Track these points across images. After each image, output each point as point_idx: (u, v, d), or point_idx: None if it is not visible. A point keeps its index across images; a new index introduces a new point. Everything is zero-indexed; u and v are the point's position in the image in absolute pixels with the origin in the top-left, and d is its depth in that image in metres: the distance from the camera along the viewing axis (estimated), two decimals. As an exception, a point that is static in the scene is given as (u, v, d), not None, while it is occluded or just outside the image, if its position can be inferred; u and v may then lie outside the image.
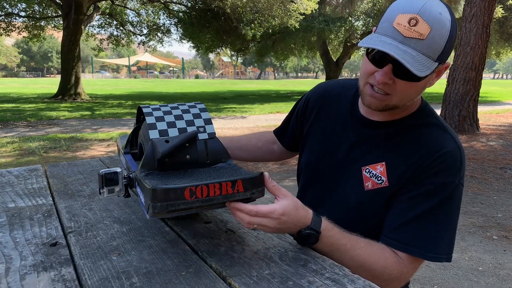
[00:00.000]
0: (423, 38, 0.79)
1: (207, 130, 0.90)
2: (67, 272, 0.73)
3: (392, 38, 0.81)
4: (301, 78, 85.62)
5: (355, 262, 0.84)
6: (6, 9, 15.97)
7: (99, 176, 0.90)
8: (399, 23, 0.80)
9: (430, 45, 0.80)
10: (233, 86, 33.12)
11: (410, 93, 0.88)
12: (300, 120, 1.18)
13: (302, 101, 1.19)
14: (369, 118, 1.00)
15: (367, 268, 0.85)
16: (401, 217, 0.90)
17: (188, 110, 0.94)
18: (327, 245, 0.82)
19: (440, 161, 0.88)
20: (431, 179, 0.89)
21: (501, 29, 17.24)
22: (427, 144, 0.91)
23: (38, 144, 5.97)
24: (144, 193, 0.75)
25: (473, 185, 4.23)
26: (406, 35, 0.79)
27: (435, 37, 0.79)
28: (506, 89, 28.78)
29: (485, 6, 6.78)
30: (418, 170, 0.90)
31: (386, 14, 0.84)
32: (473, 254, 2.65)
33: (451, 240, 0.90)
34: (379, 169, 0.95)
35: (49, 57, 69.90)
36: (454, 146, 0.90)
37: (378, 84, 0.86)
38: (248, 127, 8.24)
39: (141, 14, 18.45)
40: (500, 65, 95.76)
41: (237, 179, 0.73)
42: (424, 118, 0.96)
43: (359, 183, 0.97)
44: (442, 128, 0.94)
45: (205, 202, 0.71)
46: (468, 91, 7.14)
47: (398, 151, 0.93)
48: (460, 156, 0.90)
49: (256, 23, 14.31)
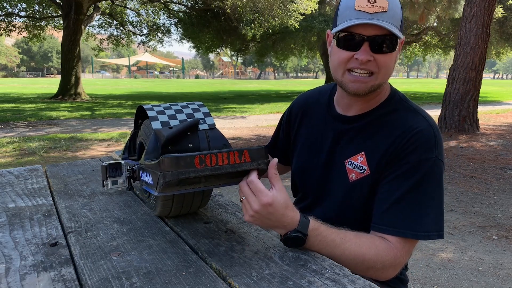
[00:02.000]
0: (386, 10, 0.86)
1: (207, 121, 0.93)
2: (67, 272, 0.73)
3: (360, 18, 0.86)
4: (301, 78, 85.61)
5: (347, 256, 0.84)
6: (6, 9, 15.98)
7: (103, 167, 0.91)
8: (360, 4, 0.86)
9: (393, 15, 0.87)
10: (233, 86, 33.12)
11: (390, 67, 0.92)
12: (286, 132, 1.22)
13: (286, 113, 1.23)
14: (344, 114, 1.04)
15: (360, 259, 0.85)
16: (385, 202, 0.91)
17: (187, 106, 0.98)
18: (315, 244, 0.83)
19: (413, 140, 0.91)
20: (407, 158, 0.91)
21: (501, 29, 17.23)
22: (399, 127, 0.94)
23: (38, 144, 5.97)
24: (153, 170, 0.77)
25: (473, 185, 4.23)
26: (371, 11, 0.86)
27: (394, 8, 0.87)
28: (506, 89, 28.77)
29: (485, 6, 6.78)
30: (394, 152, 0.92)
31: (342, 6, 0.91)
32: (473, 254, 2.65)
33: (438, 216, 0.90)
34: (359, 159, 0.98)
35: (49, 57, 69.91)
36: (426, 124, 0.93)
37: (362, 64, 0.90)
38: (248, 127, 8.24)
39: (141, 14, 18.45)
40: (500, 65, 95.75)
41: (243, 149, 0.76)
42: (394, 105, 1.00)
43: (344, 176, 1.00)
44: (412, 110, 0.98)
45: (214, 171, 0.73)
46: (468, 91, 7.14)
47: (374, 138, 0.97)
48: (434, 133, 0.92)
49: (256, 23, 14.31)
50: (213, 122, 0.94)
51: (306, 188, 1.14)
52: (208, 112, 0.96)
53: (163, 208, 0.93)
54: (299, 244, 0.82)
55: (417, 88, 27.41)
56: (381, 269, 0.87)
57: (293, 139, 1.18)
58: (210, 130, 0.92)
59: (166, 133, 0.84)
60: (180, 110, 0.95)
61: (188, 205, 0.96)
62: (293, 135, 1.18)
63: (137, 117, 1.10)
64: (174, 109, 0.95)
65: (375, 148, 0.95)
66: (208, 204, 1.10)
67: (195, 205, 0.98)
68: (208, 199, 1.00)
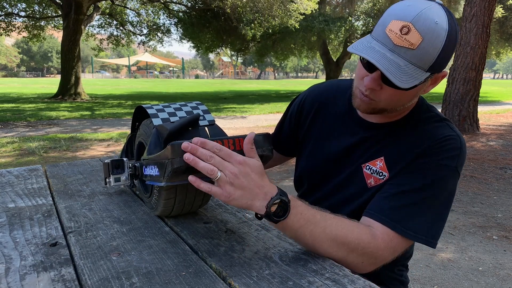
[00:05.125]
0: (414, 48, 0.76)
1: (207, 118, 0.94)
2: (67, 272, 0.73)
3: (383, 44, 0.79)
4: (301, 78, 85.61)
5: (327, 235, 0.78)
6: (6, 9, 15.97)
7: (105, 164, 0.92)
8: (392, 29, 0.78)
9: (421, 56, 0.77)
10: (233, 86, 33.12)
11: (398, 100, 0.87)
12: (294, 124, 1.15)
13: (295, 104, 1.15)
14: (366, 119, 0.99)
15: (341, 240, 0.79)
16: (387, 192, 0.89)
17: (185, 104, 0.99)
18: (297, 217, 0.76)
19: (440, 145, 0.88)
20: (428, 158, 0.88)
21: (501, 29, 17.23)
22: (427, 135, 0.90)
23: (38, 144, 5.97)
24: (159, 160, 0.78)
25: (473, 185, 4.23)
26: (396, 43, 0.77)
27: (427, 48, 0.76)
28: (506, 89, 28.77)
29: (485, 6, 6.78)
30: (416, 155, 0.89)
31: (382, 17, 0.83)
32: (473, 254, 2.65)
33: (436, 222, 0.86)
34: (378, 164, 0.94)
35: (49, 57, 69.91)
36: (454, 133, 0.90)
37: (366, 90, 0.86)
38: (248, 127, 8.24)
39: (141, 14, 18.45)
40: (500, 65, 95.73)
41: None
42: (421, 114, 0.96)
43: (361, 182, 0.97)
44: (442, 120, 0.94)
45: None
46: (468, 91, 7.14)
47: (397, 144, 0.93)
48: (460, 144, 0.89)
49: (256, 23, 14.31)
50: (213, 119, 0.94)
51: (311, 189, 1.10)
52: (207, 110, 0.97)
53: (164, 207, 0.93)
54: (284, 211, 0.74)
55: (417, 88, 27.33)
56: (360, 256, 0.81)
57: (303, 134, 1.12)
58: (210, 126, 0.93)
59: (169, 127, 0.85)
60: (179, 108, 0.96)
61: (190, 204, 0.96)
62: (303, 130, 1.12)
63: (134, 119, 1.10)
64: (173, 107, 0.96)
65: (397, 154, 0.92)
66: (208, 204, 1.10)
67: (196, 204, 0.98)
68: (209, 198, 1.00)
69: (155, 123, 0.89)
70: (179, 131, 0.86)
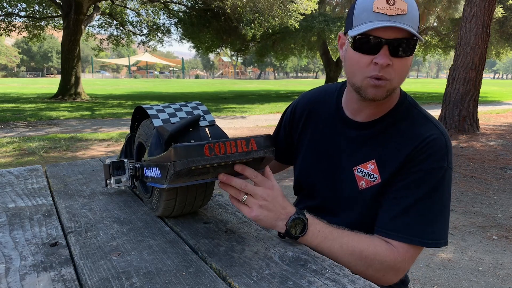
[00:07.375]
0: (406, 13, 0.83)
1: (207, 118, 0.95)
2: (67, 272, 0.73)
3: (380, 21, 0.83)
4: (301, 78, 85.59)
5: (345, 250, 0.84)
6: (6, 9, 15.96)
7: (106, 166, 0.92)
8: (379, 6, 0.83)
9: (412, 18, 0.84)
10: (233, 86, 33.12)
11: (405, 73, 0.90)
12: (288, 131, 1.18)
13: (288, 112, 1.19)
14: (353, 119, 1.01)
15: (358, 255, 0.85)
16: (393, 208, 0.91)
17: (185, 104, 0.99)
18: (315, 234, 0.84)
19: (426, 149, 0.90)
20: (419, 166, 0.90)
21: (501, 29, 17.23)
22: (411, 135, 0.93)
23: (38, 144, 5.97)
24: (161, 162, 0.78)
25: (473, 185, 4.22)
26: (390, 14, 0.83)
27: (412, 10, 0.84)
28: (506, 89, 28.76)
29: (485, 6, 6.78)
30: (406, 160, 0.91)
31: (358, 7, 0.86)
32: (473, 254, 2.65)
33: (446, 224, 0.91)
34: (370, 167, 0.96)
35: (49, 57, 69.89)
36: (438, 132, 0.93)
37: (380, 71, 0.86)
38: (248, 127, 8.23)
39: (141, 14, 18.44)
40: (500, 65, 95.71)
41: (250, 138, 0.78)
42: (405, 111, 0.98)
43: (353, 184, 0.98)
44: (423, 117, 0.97)
45: (224, 159, 0.75)
46: (468, 91, 7.14)
47: (386, 146, 0.95)
48: (445, 142, 0.92)
49: (256, 23, 14.30)
50: (213, 119, 0.95)
51: (307, 193, 1.12)
52: (207, 110, 0.97)
53: (165, 208, 0.93)
54: (302, 229, 0.83)
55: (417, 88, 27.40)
56: (380, 270, 0.86)
57: (297, 141, 1.15)
58: (211, 126, 0.93)
59: (169, 129, 0.85)
60: (179, 109, 0.96)
61: (190, 205, 0.96)
62: (296, 136, 1.15)
63: (134, 119, 1.10)
64: (173, 107, 0.96)
65: (387, 156, 0.94)
66: (208, 204, 1.10)
67: (196, 205, 0.98)
68: (209, 198, 1.00)
69: (156, 124, 0.89)
70: (180, 132, 0.86)
